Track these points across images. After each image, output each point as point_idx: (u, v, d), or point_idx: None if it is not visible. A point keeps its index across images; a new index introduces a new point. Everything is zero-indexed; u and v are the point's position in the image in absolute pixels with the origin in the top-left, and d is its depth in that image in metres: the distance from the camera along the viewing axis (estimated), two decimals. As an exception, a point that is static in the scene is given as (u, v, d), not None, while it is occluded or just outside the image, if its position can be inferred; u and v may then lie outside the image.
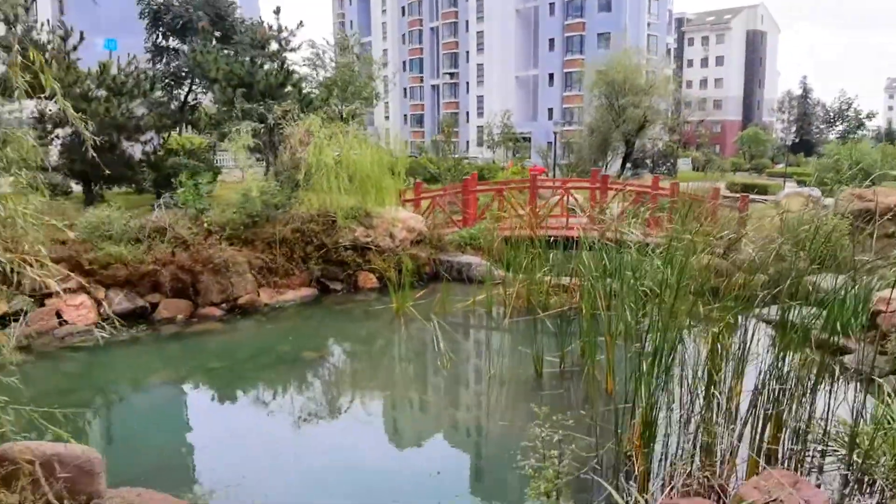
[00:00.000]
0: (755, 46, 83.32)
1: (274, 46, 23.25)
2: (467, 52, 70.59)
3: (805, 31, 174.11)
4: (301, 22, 25.44)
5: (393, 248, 12.96)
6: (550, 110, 62.33)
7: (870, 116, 60.52)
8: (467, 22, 70.14)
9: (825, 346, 9.05)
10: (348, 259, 12.58)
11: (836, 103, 62.69)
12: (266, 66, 18.55)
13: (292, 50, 24.33)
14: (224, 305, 11.26)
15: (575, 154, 41.45)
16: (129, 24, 28.56)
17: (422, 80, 79.45)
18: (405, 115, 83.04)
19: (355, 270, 12.64)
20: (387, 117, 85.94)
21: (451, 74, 74.24)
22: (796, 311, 9.67)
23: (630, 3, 55.07)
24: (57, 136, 20.65)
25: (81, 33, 20.98)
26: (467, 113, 72.05)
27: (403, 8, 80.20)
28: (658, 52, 57.45)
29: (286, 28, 24.03)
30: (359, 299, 12.09)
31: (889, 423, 5.76)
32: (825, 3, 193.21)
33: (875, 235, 11.68)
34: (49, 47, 19.23)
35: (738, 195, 33.08)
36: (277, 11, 26.30)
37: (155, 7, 27.21)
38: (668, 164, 52.54)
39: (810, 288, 10.29)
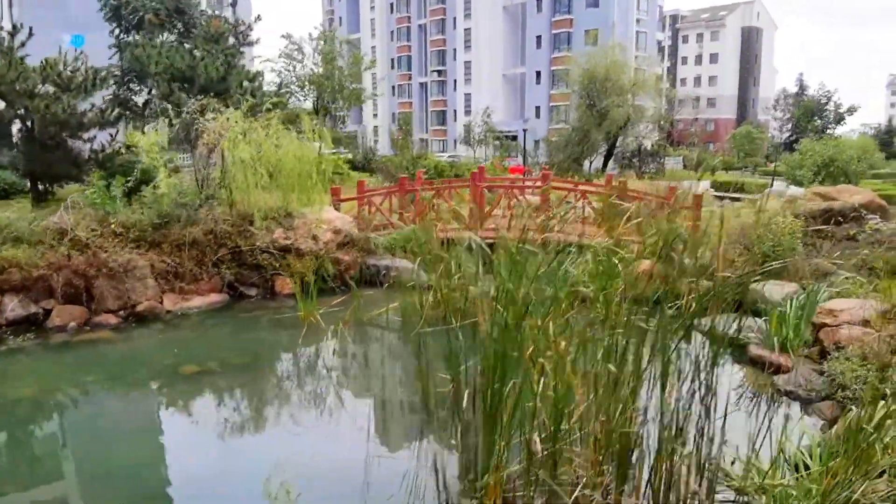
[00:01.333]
0: (750, 43, 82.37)
1: (232, 41, 22.45)
2: (455, 50, 69.72)
3: (796, 27, 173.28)
4: (259, 16, 24.68)
5: (316, 251, 12.05)
6: (538, 108, 61.48)
7: (851, 111, 59.36)
8: (455, 19, 69.24)
9: (761, 364, 8.19)
10: (265, 263, 11.68)
11: (815, 98, 61.52)
12: (206, 60, 17.59)
13: (250, 44, 23.52)
14: (121, 312, 10.39)
15: (555, 153, 40.60)
16: (99, 20, 27.65)
17: (410, 78, 78.59)
18: (393, 114, 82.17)
19: (272, 275, 11.74)
20: (375, 115, 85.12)
21: (439, 72, 73.37)
22: (732, 324, 8.72)
23: (617, -2, 54.24)
24: (8, 134, 19.82)
25: (30, 29, 20.10)
26: (455, 111, 71.22)
27: (392, 5, 79.33)
28: (647, 49, 56.57)
29: (243, 21, 23.20)
30: (272, 306, 11.20)
31: (802, 470, 4.89)
32: (815, 1, 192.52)
33: (833, 238, 10.83)
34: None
35: (724, 195, 32.25)
36: (234, 4, 25.47)
37: (115, 2, 26.40)
38: (657, 162, 51.68)
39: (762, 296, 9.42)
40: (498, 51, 64.70)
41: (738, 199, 24.54)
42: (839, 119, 57.15)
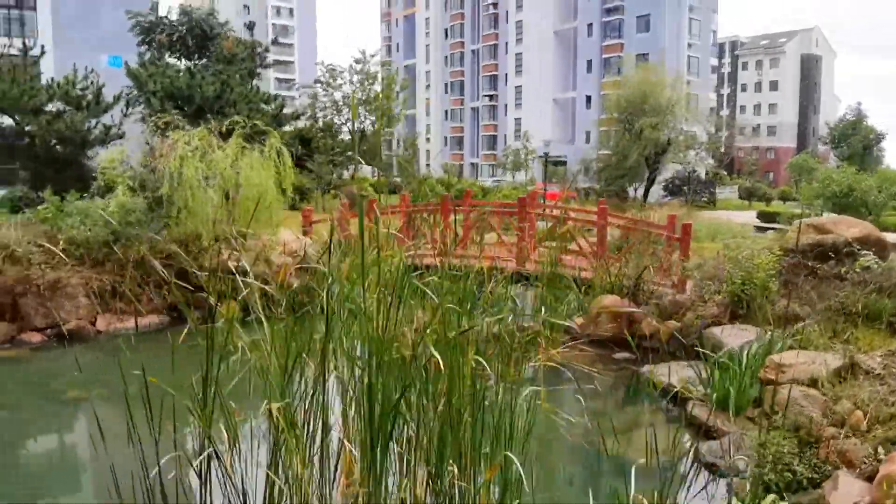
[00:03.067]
0: (809, 71, 78.55)
1: (248, 61, 22.59)
2: (506, 75, 69.36)
3: (857, 58, 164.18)
4: (275, 38, 24.81)
5: (267, 275, 11.48)
6: (588, 133, 60.08)
7: (880, 138, 54.78)
8: (507, 44, 69.00)
9: (696, 425, 6.99)
10: (210, 285, 11.17)
11: (841, 123, 57.18)
12: (206, 80, 17.58)
13: (266, 66, 23.62)
14: (48, 331, 10.10)
15: (596, 178, 39.30)
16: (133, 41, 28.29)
17: (462, 103, 78.68)
18: (445, 138, 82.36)
19: (219, 298, 11.21)
20: (428, 139, 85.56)
21: (491, 97, 73.13)
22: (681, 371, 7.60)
23: (669, 23, 52.51)
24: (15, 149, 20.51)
25: (42, 47, 20.81)
26: (505, 135, 70.64)
27: (446, 30, 79.91)
28: (700, 75, 54.52)
29: (259, 43, 23.35)
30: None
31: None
32: (879, 30, 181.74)
33: (818, 275, 9.46)
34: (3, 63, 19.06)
35: (767, 225, 30.10)
36: (251, 27, 25.76)
37: (146, 25, 27.21)
38: (709, 191, 49.38)
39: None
40: (549, 75, 63.89)
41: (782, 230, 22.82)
42: (866, 146, 53.07)
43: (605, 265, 10.53)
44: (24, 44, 19.30)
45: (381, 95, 37.17)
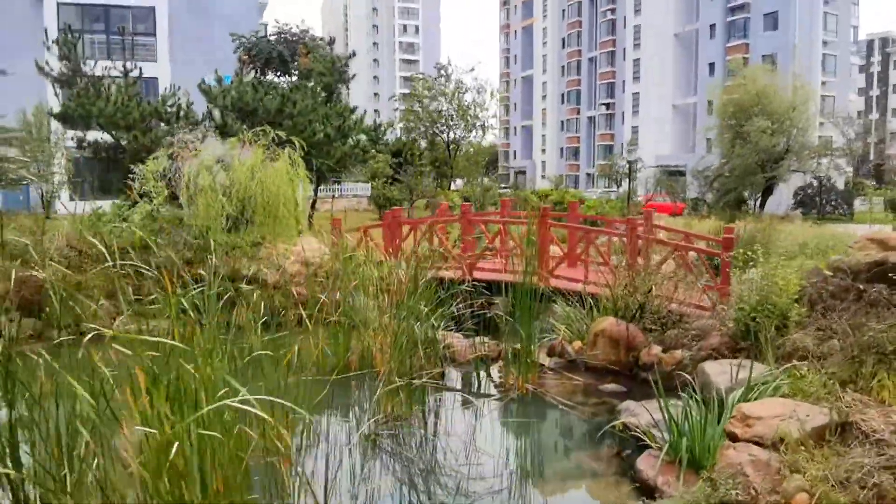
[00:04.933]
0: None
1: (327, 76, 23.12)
2: (623, 82, 66.68)
3: None
4: (353, 52, 25.21)
5: (279, 283, 11.45)
6: (709, 141, 56.12)
7: None
8: (624, 50, 66.38)
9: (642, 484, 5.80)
10: (224, 292, 11.30)
11: None
12: (270, 95, 18.11)
13: (345, 81, 24.08)
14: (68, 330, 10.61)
15: (706, 189, 36.44)
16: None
17: (578, 112, 76.77)
18: (561, 149, 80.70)
19: (231, 305, 11.31)
20: (543, 150, 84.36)
21: (607, 105, 70.69)
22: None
23: (801, 19, 47.78)
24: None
25: (140, 69, 22.50)
26: (622, 144, 67.83)
27: (563, 39, 78.41)
28: (838, 74, 49.10)
29: (338, 58, 23.85)
30: (220, 337, 10.72)
31: None
32: None
33: (868, 302, 7.80)
34: (104, 83, 20.78)
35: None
36: (331, 43, 26.36)
37: (248, 45, 28.88)
38: (845, 202, 44.20)
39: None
40: (668, 81, 60.51)
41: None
42: None
43: (627, 281, 9.31)
44: (124, 66, 20.87)
45: (473, 105, 36.75)
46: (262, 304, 11.26)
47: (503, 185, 57.93)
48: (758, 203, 36.09)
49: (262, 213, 11.73)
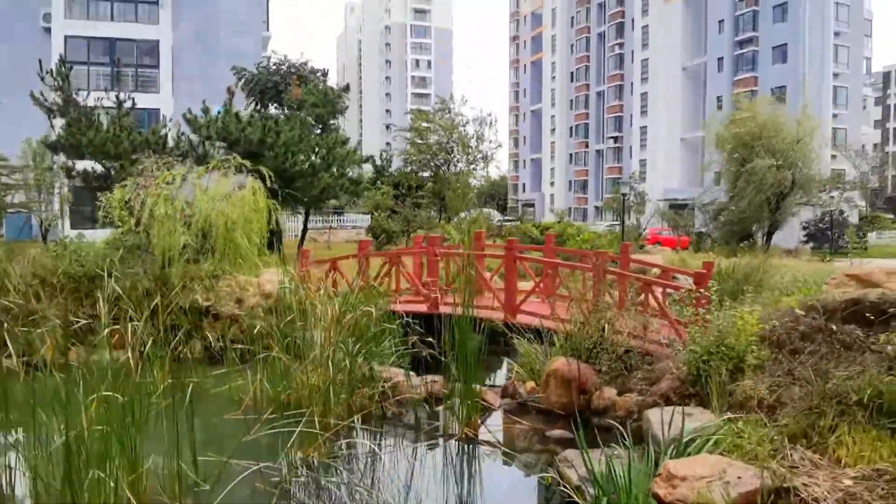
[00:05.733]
0: None
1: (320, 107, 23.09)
2: (631, 116, 66.64)
3: None
4: (347, 85, 25.25)
5: (236, 315, 11.06)
6: (718, 174, 55.58)
7: None
8: (632, 84, 66.45)
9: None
10: (180, 324, 10.94)
11: None
12: (253, 126, 18.01)
13: (337, 112, 24.02)
14: (24, 358, 10.30)
15: (710, 223, 35.80)
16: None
17: (587, 146, 76.72)
18: (570, 181, 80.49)
19: (186, 337, 10.94)
20: (552, 183, 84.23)
21: (615, 139, 70.56)
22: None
23: (810, 52, 47.47)
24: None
25: (133, 100, 22.55)
26: (630, 177, 67.49)
27: (572, 73, 78.81)
28: (850, 106, 48.56)
29: (332, 90, 23.85)
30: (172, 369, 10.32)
31: None
32: None
33: (837, 343, 7.26)
34: (96, 113, 20.84)
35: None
36: (325, 74, 26.42)
37: (248, 77, 29.10)
38: (859, 236, 43.26)
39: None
40: (676, 114, 60.34)
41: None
42: None
43: (582, 318, 8.79)
44: (117, 97, 20.95)
45: (474, 137, 36.61)
46: (215, 336, 11.05)
47: (509, 218, 57.60)
48: (764, 237, 35.37)
49: (222, 242, 11.41)
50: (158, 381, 8.90)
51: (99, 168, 21.39)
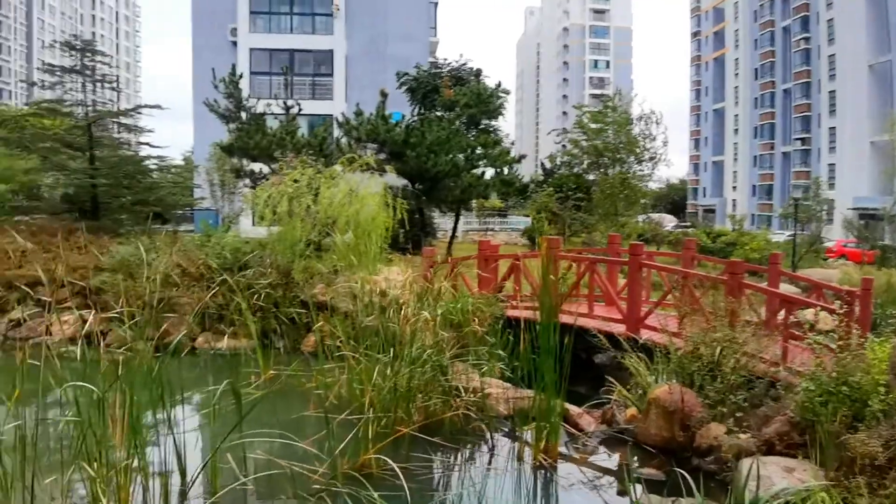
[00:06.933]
0: None
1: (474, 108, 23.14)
2: (819, 115, 59.54)
3: None
4: (500, 83, 24.85)
5: (350, 312, 11.23)
6: (913, 182, 47.70)
7: None
8: (819, 81, 59.39)
9: None
10: (298, 317, 11.37)
11: None
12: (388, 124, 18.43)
13: (491, 112, 23.84)
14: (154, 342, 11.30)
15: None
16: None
17: (772, 147, 69.85)
18: (753, 186, 73.64)
19: (302, 330, 11.37)
20: (734, 187, 77.84)
21: (803, 140, 63.37)
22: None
23: None
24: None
25: (299, 105, 23.96)
26: (816, 180, 60.29)
27: (756, 70, 72.16)
28: None
29: (484, 90, 23.76)
30: (283, 360, 10.72)
31: None
32: None
33: None
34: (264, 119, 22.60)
35: None
36: (477, 75, 26.28)
37: (410, 82, 30.01)
38: None
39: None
40: (863, 115, 52.92)
41: None
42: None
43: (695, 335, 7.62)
44: (285, 103, 22.49)
45: (641, 136, 34.46)
46: (329, 331, 11.25)
47: (684, 224, 53.76)
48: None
49: (343, 240, 11.66)
50: (262, 371, 9.31)
51: (266, 169, 23.21)
